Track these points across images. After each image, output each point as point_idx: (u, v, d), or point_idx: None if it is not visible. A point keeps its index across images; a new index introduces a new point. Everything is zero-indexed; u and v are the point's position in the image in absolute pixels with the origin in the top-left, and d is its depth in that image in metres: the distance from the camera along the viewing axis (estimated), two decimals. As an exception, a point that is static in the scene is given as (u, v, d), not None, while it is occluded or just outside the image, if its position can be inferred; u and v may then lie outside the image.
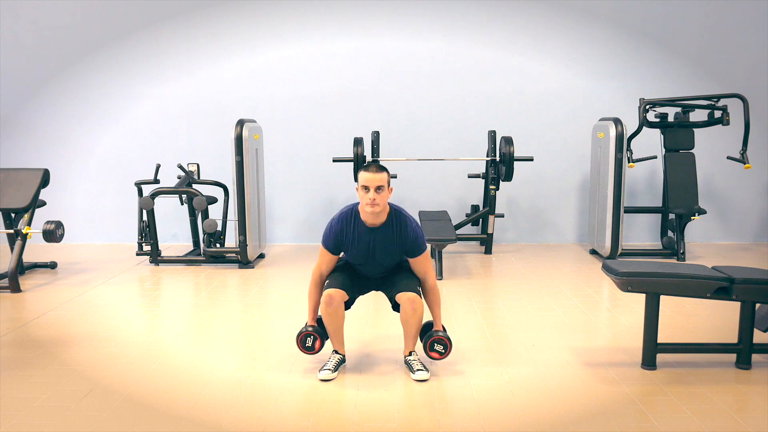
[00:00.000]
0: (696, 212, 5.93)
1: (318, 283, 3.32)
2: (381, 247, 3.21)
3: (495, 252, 6.47)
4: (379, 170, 3.12)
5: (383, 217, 3.19)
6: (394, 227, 3.20)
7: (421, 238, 3.26)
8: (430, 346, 3.26)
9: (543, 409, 2.92)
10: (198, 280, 5.43)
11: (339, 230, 3.22)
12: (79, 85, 6.86)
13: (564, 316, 4.32)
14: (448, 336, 3.29)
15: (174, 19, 6.78)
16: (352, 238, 3.21)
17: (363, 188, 3.10)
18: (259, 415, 2.85)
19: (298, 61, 6.82)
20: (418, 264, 3.28)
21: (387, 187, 3.13)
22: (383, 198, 3.11)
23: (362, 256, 3.24)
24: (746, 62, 6.77)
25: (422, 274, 3.30)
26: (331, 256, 3.29)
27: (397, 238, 3.20)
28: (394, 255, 3.26)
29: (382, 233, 3.19)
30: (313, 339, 3.29)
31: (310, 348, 3.31)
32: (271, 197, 6.87)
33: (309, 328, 3.31)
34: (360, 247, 3.21)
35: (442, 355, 3.28)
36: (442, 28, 6.78)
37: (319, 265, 3.32)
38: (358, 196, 3.15)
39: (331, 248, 3.26)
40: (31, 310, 4.53)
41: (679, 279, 3.25)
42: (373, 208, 3.10)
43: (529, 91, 6.83)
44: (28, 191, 5.25)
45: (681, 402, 2.96)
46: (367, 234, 3.20)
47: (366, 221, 3.19)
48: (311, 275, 3.35)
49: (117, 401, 3.00)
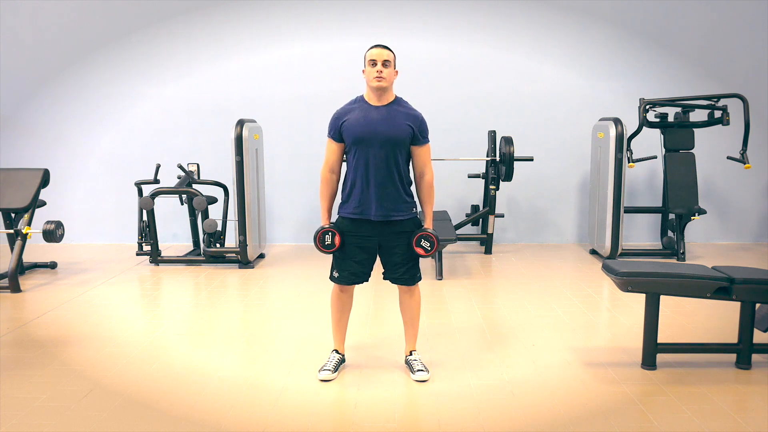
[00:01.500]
0: (696, 212, 5.93)
1: (329, 180, 3.24)
2: (386, 121, 3.10)
3: (495, 252, 6.47)
4: (387, 48, 3.12)
5: (390, 97, 3.15)
6: (400, 107, 3.16)
7: (426, 125, 3.21)
8: (417, 241, 3.18)
9: (543, 409, 2.92)
10: (198, 280, 5.43)
11: (342, 112, 3.18)
12: (79, 85, 6.87)
13: (564, 316, 4.32)
14: (435, 233, 3.21)
15: (174, 19, 6.78)
16: (356, 115, 3.13)
17: (370, 63, 3.07)
18: (259, 415, 2.85)
19: (298, 61, 6.82)
20: (421, 154, 3.19)
21: (393, 66, 3.13)
22: (390, 74, 3.09)
23: (365, 128, 3.09)
24: (746, 62, 6.77)
25: (421, 167, 3.22)
26: (337, 145, 3.21)
27: (403, 114, 3.13)
28: (400, 129, 3.10)
29: (388, 110, 3.13)
30: (332, 235, 3.18)
31: (330, 246, 3.19)
32: (271, 197, 6.87)
33: (326, 227, 3.20)
34: (363, 122, 3.10)
35: (428, 252, 3.19)
36: (442, 28, 6.79)
37: (326, 160, 3.23)
38: (365, 75, 3.11)
39: (334, 134, 3.18)
40: (31, 310, 4.53)
41: (679, 279, 3.25)
42: (379, 82, 3.06)
43: (529, 91, 6.84)
44: (28, 191, 5.26)
45: (681, 402, 2.96)
46: (371, 111, 3.12)
47: (371, 101, 3.14)
48: (320, 173, 3.26)
49: (117, 401, 3.00)
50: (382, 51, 3.09)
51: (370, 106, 3.14)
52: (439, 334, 3.93)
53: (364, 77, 3.15)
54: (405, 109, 3.17)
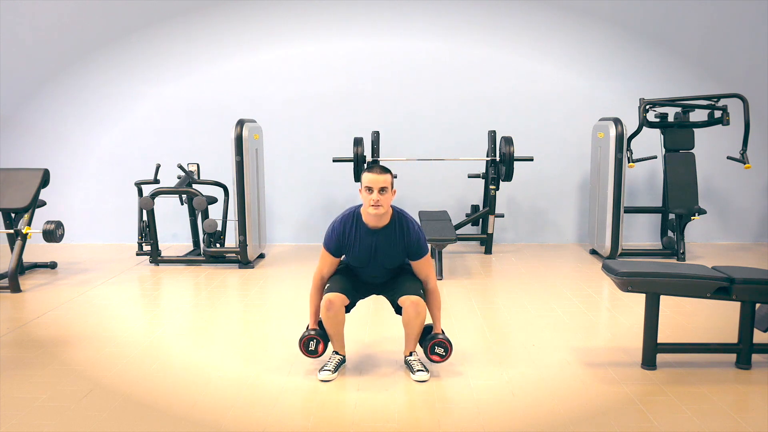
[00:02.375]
0: (696, 212, 5.92)
1: (319, 287, 3.32)
2: (383, 249, 3.20)
3: (495, 252, 6.47)
4: (383, 172, 3.11)
5: (386, 220, 3.18)
6: (397, 229, 3.19)
7: (423, 241, 3.25)
8: (431, 349, 3.26)
9: (543, 409, 2.92)
10: (198, 280, 5.43)
11: (341, 232, 3.21)
12: (79, 84, 6.87)
13: (564, 316, 4.32)
14: (448, 339, 3.29)
15: (174, 19, 6.78)
16: (354, 240, 3.20)
17: (366, 189, 3.09)
18: (259, 416, 2.85)
19: (298, 61, 6.82)
20: (420, 266, 3.28)
21: (390, 188, 3.13)
22: (387, 200, 3.11)
23: (364, 258, 3.23)
24: (746, 62, 6.77)
25: (423, 277, 3.29)
26: (333, 259, 3.28)
27: (399, 241, 3.19)
28: (396, 257, 3.24)
29: (385, 235, 3.19)
30: (316, 343, 3.29)
31: (314, 352, 3.30)
32: (271, 197, 6.87)
33: (312, 332, 3.30)
34: (362, 249, 3.20)
35: (443, 357, 3.27)
36: (442, 28, 6.78)
37: (320, 269, 3.31)
38: (361, 197, 3.14)
39: (332, 251, 3.25)
40: (31, 310, 4.53)
41: (679, 279, 3.25)
42: (376, 210, 3.09)
43: (529, 91, 6.83)
44: (28, 191, 5.25)
45: (681, 402, 2.96)
46: (369, 236, 3.19)
47: (368, 223, 3.18)
48: (312, 279, 3.35)
49: (117, 401, 3.00)
50: (377, 177, 3.08)
51: (367, 231, 3.19)
52: (439, 334, 3.92)
53: (360, 195, 3.18)
54: (401, 233, 3.19)
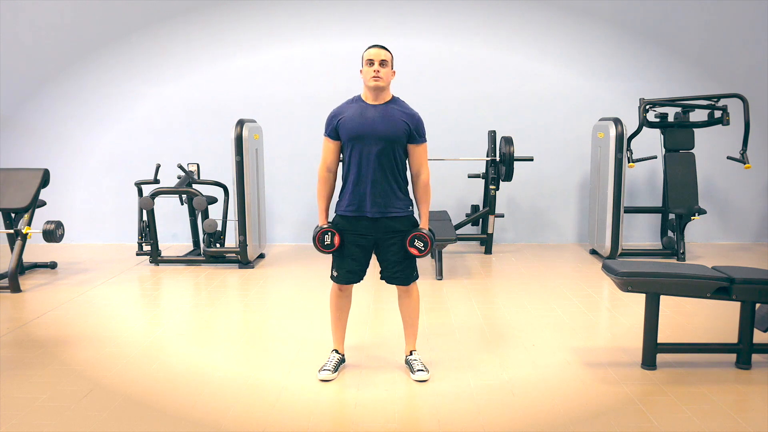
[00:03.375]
0: (696, 212, 5.93)
1: (326, 179, 3.23)
2: (382, 118, 3.10)
3: (495, 252, 6.47)
4: (384, 48, 3.13)
5: (386, 96, 3.15)
6: (397, 106, 3.16)
7: (423, 125, 3.21)
8: (410, 241, 3.16)
9: (543, 409, 2.92)
10: (198, 280, 5.43)
11: (339, 110, 3.18)
12: (79, 85, 6.87)
13: (564, 316, 4.32)
14: (431, 234, 3.20)
15: (174, 19, 6.78)
16: (353, 113, 3.13)
17: (367, 62, 3.08)
18: (259, 415, 2.85)
19: (298, 61, 6.83)
20: (417, 153, 3.19)
21: (391, 66, 3.12)
22: (387, 74, 3.09)
23: (361, 125, 3.09)
24: (746, 62, 6.77)
25: (418, 167, 3.21)
26: (334, 144, 3.20)
27: (400, 113, 3.13)
28: (396, 127, 3.10)
29: (385, 109, 3.13)
30: (331, 235, 3.18)
31: (329, 245, 3.19)
32: (271, 197, 6.87)
33: (324, 227, 3.20)
34: (361, 121, 3.10)
35: (422, 252, 3.18)
36: (442, 28, 6.79)
37: (323, 159, 3.22)
38: (362, 74, 3.12)
39: (331, 133, 3.18)
40: (31, 310, 4.53)
41: (679, 279, 3.25)
42: (377, 81, 3.06)
43: (529, 91, 6.84)
44: (28, 191, 5.26)
45: (681, 402, 2.96)
46: (368, 110, 3.13)
47: (368, 99, 3.15)
48: (317, 173, 3.25)
49: (117, 401, 3.00)
50: (379, 51, 3.10)
51: (366, 105, 3.15)
52: (439, 334, 3.93)
53: (361, 77, 3.15)
54: (402, 108, 3.17)
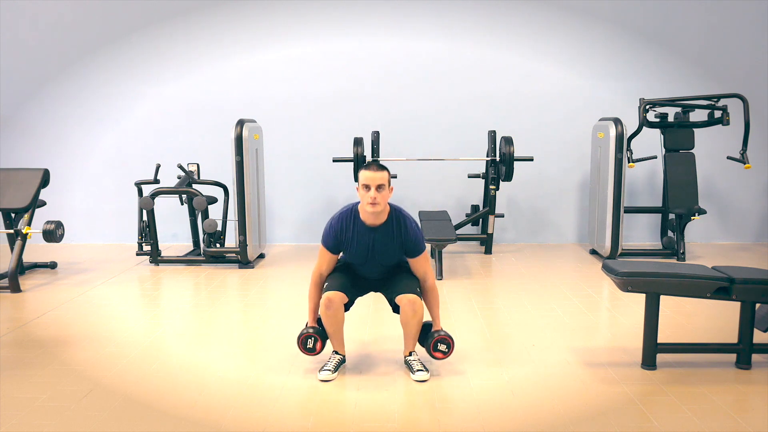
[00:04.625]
0: (696, 212, 5.92)
1: (318, 284, 3.33)
2: (381, 246, 3.21)
3: (495, 252, 6.47)
4: (380, 169, 3.12)
5: (383, 217, 3.19)
6: (394, 227, 3.20)
7: (421, 239, 3.26)
8: (434, 346, 3.26)
9: (543, 409, 2.92)
10: (198, 280, 5.43)
11: (339, 229, 3.22)
12: (79, 85, 6.87)
13: (564, 316, 4.32)
14: (449, 335, 3.29)
15: (174, 19, 6.78)
16: (352, 237, 3.21)
17: (364, 187, 3.10)
18: (259, 415, 2.85)
19: (298, 61, 6.82)
20: (418, 264, 3.28)
21: (388, 186, 3.14)
22: (384, 197, 3.11)
23: (362, 255, 3.23)
24: (746, 62, 6.77)
25: (421, 275, 3.30)
26: (331, 256, 3.29)
27: (396, 238, 3.20)
28: (394, 254, 3.25)
29: (382, 233, 3.19)
30: (314, 341, 3.29)
31: (311, 350, 3.31)
32: (271, 197, 6.87)
33: (310, 330, 3.31)
34: (360, 246, 3.21)
35: (446, 354, 3.28)
36: (442, 28, 6.78)
37: (318, 266, 3.32)
38: (359, 195, 3.15)
39: (330, 248, 3.26)
40: (31, 310, 4.53)
41: (679, 279, 3.25)
42: (374, 208, 3.10)
43: (529, 91, 6.83)
44: (28, 191, 5.25)
45: (681, 402, 2.96)
46: (367, 233, 3.20)
47: (366, 221, 3.19)
48: (311, 276, 3.35)
49: (117, 401, 3.00)
50: (375, 175, 3.08)
51: (365, 228, 3.19)
52: (439, 334, 3.92)
53: (357, 194, 3.18)
54: (399, 229, 3.20)
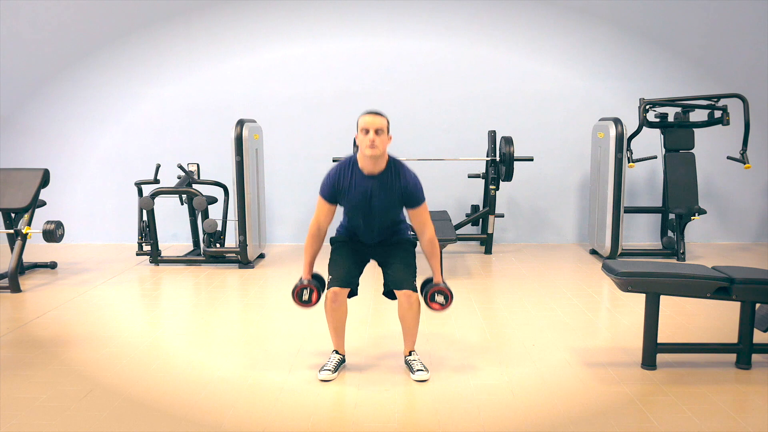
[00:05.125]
0: (696, 212, 5.93)
1: (315, 236, 3.25)
2: (379, 195, 3.13)
3: (495, 252, 6.47)
4: (379, 114, 3.09)
5: (382, 165, 3.13)
6: (393, 175, 3.14)
7: (420, 189, 3.19)
8: (431, 296, 3.19)
9: (543, 409, 2.92)
10: (198, 280, 5.43)
11: (337, 178, 3.15)
12: (79, 85, 6.87)
13: (564, 316, 4.32)
14: (449, 288, 3.22)
15: (174, 19, 6.78)
16: (350, 185, 3.13)
17: (363, 131, 3.04)
18: (259, 415, 2.85)
19: (298, 61, 6.82)
20: (417, 215, 3.21)
21: (387, 132, 3.09)
22: (383, 142, 3.06)
23: (359, 204, 3.14)
24: (746, 62, 6.77)
25: (420, 226, 3.23)
26: (329, 206, 3.21)
27: (395, 186, 3.13)
28: (393, 204, 3.16)
29: (381, 181, 3.12)
30: (309, 292, 3.22)
31: (308, 301, 3.23)
32: (271, 197, 6.87)
33: (305, 282, 3.23)
34: (357, 194, 3.13)
35: (444, 306, 3.20)
36: (442, 28, 6.78)
37: (316, 217, 3.23)
38: (357, 141, 3.09)
39: (327, 197, 3.19)
40: (31, 310, 4.53)
41: (679, 279, 3.25)
42: (372, 151, 3.03)
43: (529, 91, 6.83)
44: (28, 191, 5.25)
45: (681, 402, 2.96)
46: (365, 181, 3.12)
47: (364, 169, 3.12)
48: (309, 227, 3.27)
49: (117, 401, 3.00)
50: (374, 119, 3.05)
51: (363, 177, 3.13)
52: (439, 334, 3.93)
53: (356, 142, 3.13)
54: (398, 178, 3.14)
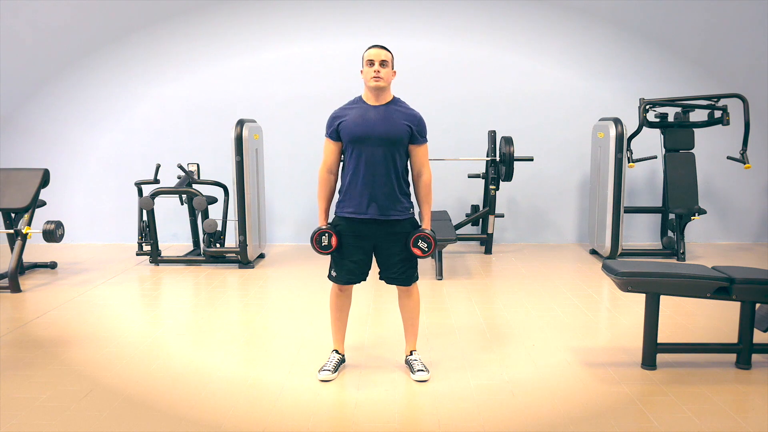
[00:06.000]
0: (696, 212, 5.93)
1: (326, 180, 3.23)
2: (383, 120, 3.09)
3: (495, 252, 6.47)
4: (384, 48, 3.12)
5: (387, 97, 3.15)
6: (398, 107, 3.16)
7: (425, 125, 3.20)
8: (414, 242, 3.17)
9: (543, 409, 2.92)
10: (198, 280, 5.43)
11: (340, 111, 3.18)
12: (79, 85, 6.87)
13: (564, 316, 4.32)
14: (433, 234, 3.20)
15: (174, 19, 6.78)
16: (354, 114, 3.13)
17: (368, 63, 3.07)
18: (259, 415, 2.85)
19: (298, 61, 6.83)
20: (419, 154, 3.18)
21: (391, 67, 3.12)
22: (387, 74, 3.09)
23: (363, 136, 3.08)
24: (746, 62, 6.77)
25: (419, 167, 3.21)
26: (336, 144, 3.19)
27: (401, 114, 3.13)
28: (398, 137, 3.10)
29: (386, 109, 3.12)
30: (329, 236, 3.20)
31: (327, 247, 3.21)
32: (271, 197, 6.87)
33: (323, 228, 3.21)
34: (361, 122, 3.09)
35: (425, 252, 3.18)
36: (442, 28, 6.78)
37: (324, 160, 3.22)
38: (363, 75, 3.11)
39: (332, 134, 3.18)
40: (31, 310, 4.53)
41: (679, 279, 3.25)
42: (377, 82, 3.05)
43: (529, 91, 6.83)
44: (28, 191, 5.26)
45: (681, 402, 2.96)
46: (369, 111, 3.12)
47: (369, 100, 3.14)
48: (318, 173, 3.25)
49: (117, 401, 3.00)
50: (379, 51, 3.10)
51: (368, 106, 3.14)
52: (439, 334, 3.93)
53: (362, 77, 3.15)
54: (403, 109, 3.16)
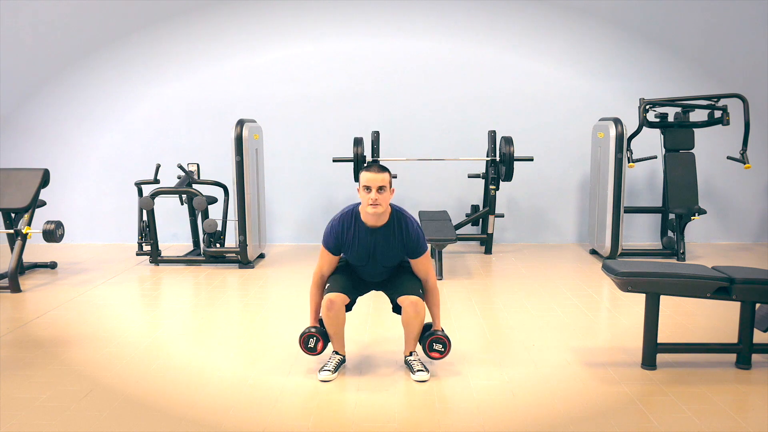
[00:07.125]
0: (696, 212, 5.92)
1: (319, 285, 3.32)
2: (382, 248, 3.20)
3: (495, 252, 6.47)
4: (381, 170, 3.11)
5: (385, 218, 3.18)
6: (395, 228, 3.19)
7: (423, 239, 3.25)
8: (429, 345, 3.26)
9: (543, 409, 2.92)
10: (198, 280, 5.43)
11: (340, 230, 3.21)
12: (79, 84, 6.87)
13: (564, 316, 4.32)
14: (447, 336, 3.29)
15: (174, 19, 6.78)
16: (353, 238, 3.20)
17: (365, 188, 3.09)
18: (259, 415, 2.85)
19: (298, 61, 6.82)
20: (419, 264, 3.28)
21: (389, 187, 3.13)
22: (385, 199, 3.11)
23: (363, 257, 3.23)
24: (746, 62, 6.76)
25: (423, 275, 3.30)
26: (332, 257, 3.28)
27: (398, 239, 3.19)
28: (395, 256, 3.24)
29: (383, 234, 3.18)
30: (315, 340, 3.29)
31: (313, 349, 3.31)
32: (271, 197, 6.87)
33: (312, 330, 3.31)
34: (360, 247, 3.20)
35: (442, 354, 3.28)
36: (443, 28, 6.78)
37: (320, 266, 3.32)
38: (360, 196, 3.14)
39: (331, 249, 3.25)
40: (31, 310, 4.53)
41: (679, 279, 3.25)
42: (375, 209, 3.09)
43: (529, 91, 6.83)
44: (28, 191, 5.25)
45: (681, 402, 2.96)
46: (368, 235, 3.19)
47: (367, 222, 3.18)
48: (312, 276, 3.35)
49: (117, 401, 3.00)
50: (376, 176, 3.08)
51: (366, 230, 3.18)
52: (439, 334, 3.92)
53: (358, 195, 3.17)
54: (400, 231, 3.18)
